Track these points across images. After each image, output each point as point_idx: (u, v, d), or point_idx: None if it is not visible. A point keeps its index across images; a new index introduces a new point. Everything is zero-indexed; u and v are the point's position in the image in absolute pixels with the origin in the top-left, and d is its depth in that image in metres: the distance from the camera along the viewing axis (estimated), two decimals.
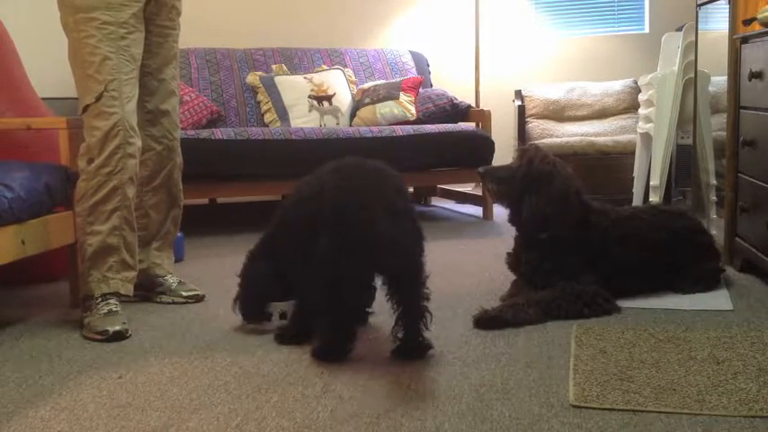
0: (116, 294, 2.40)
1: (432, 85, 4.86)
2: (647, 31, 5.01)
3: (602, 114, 4.82)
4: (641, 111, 4.25)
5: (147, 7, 2.48)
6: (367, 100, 4.46)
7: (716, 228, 3.21)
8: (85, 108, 2.37)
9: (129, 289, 2.44)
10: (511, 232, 2.66)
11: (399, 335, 2.00)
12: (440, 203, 5.00)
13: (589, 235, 2.50)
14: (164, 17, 2.56)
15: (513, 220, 2.59)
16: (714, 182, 3.43)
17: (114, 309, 2.36)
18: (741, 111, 2.88)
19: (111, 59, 2.35)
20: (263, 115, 4.45)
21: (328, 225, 1.91)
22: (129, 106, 2.38)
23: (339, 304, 1.95)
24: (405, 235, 1.87)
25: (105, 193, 2.36)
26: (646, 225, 2.59)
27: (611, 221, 2.56)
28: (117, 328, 2.26)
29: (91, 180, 2.37)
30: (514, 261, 2.62)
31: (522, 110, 4.72)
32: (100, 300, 2.36)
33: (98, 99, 2.33)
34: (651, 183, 3.93)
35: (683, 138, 3.87)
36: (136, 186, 2.46)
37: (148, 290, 2.68)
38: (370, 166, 2.01)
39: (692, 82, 3.56)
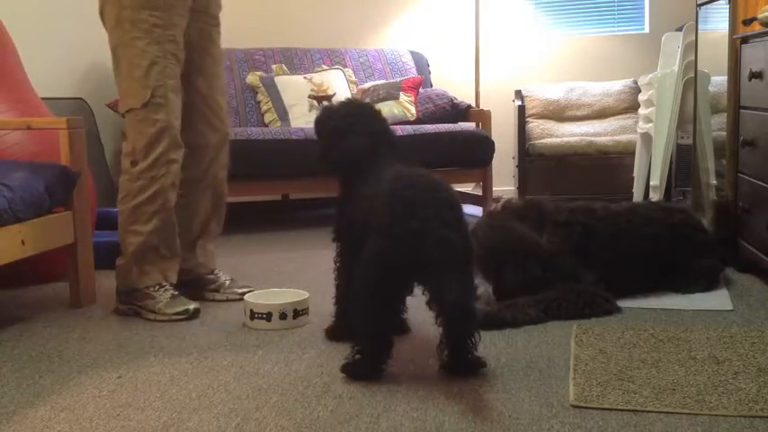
0: (160, 284, 2.47)
1: (432, 85, 4.86)
2: (647, 31, 5.00)
3: (602, 114, 4.81)
4: (641, 111, 4.25)
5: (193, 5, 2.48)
6: (367, 100, 4.45)
7: None
8: (128, 111, 2.40)
9: (171, 277, 2.51)
10: None
11: (446, 351, 1.88)
12: None
13: (587, 237, 2.51)
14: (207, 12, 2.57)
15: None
16: (714, 182, 3.43)
17: (175, 293, 2.46)
18: (741, 111, 2.88)
19: (159, 64, 2.36)
20: (263, 115, 4.44)
21: (378, 230, 1.84)
22: (174, 113, 2.42)
23: (376, 314, 1.85)
24: (454, 247, 1.79)
25: (148, 195, 2.41)
26: (645, 222, 2.60)
27: (607, 217, 2.58)
28: (194, 306, 2.43)
29: (134, 182, 2.42)
30: None
31: (522, 110, 4.72)
32: (156, 287, 2.45)
33: (144, 105, 2.36)
34: (651, 183, 3.93)
35: (682, 138, 3.88)
36: (177, 189, 2.49)
37: (199, 288, 2.67)
38: (428, 178, 1.94)
39: (692, 82, 3.57)
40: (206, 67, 2.58)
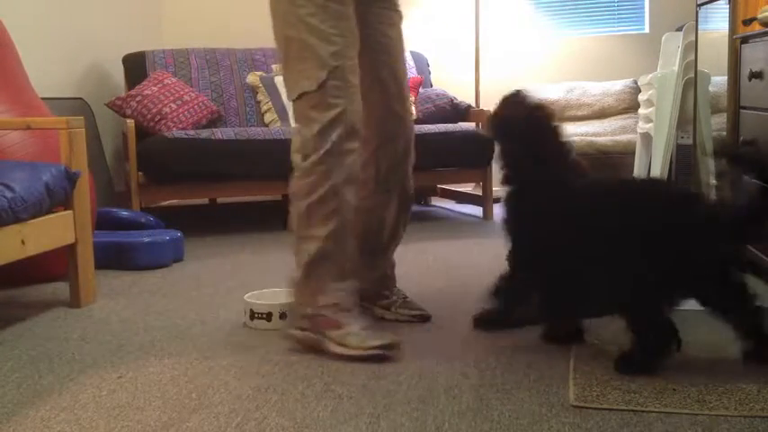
0: (339, 306, 2.11)
1: (432, 85, 4.86)
2: (647, 31, 5.01)
3: (602, 114, 4.82)
4: (641, 111, 4.25)
5: None
6: None
7: None
8: (301, 95, 2.09)
9: (347, 301, 2.12)
10: None
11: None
12: (440, 203, 5.00)
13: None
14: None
15: None
16: (714, 182, 3.43)
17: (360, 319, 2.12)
18: (741, 111, 2.88)
19: (337, 43, 2.07)
20: (263, 115, 4.45)
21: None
22: (355, 97, 2.10)
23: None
24: None
25: (322, 193, 2.07)
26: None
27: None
28: (393, 339, 2.06)
29: (305, 178, 2.09)
30: None
31: None
32: (337, 310, 2.09)
33: (320, 87, 2.05)
34: None
35: (682, 138, 3.88)
36: (357, 187, 2.15)
37: (371, 301, 2.41)
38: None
39: (692, 82, 3.57)
40: (386, 52, 2.31)
